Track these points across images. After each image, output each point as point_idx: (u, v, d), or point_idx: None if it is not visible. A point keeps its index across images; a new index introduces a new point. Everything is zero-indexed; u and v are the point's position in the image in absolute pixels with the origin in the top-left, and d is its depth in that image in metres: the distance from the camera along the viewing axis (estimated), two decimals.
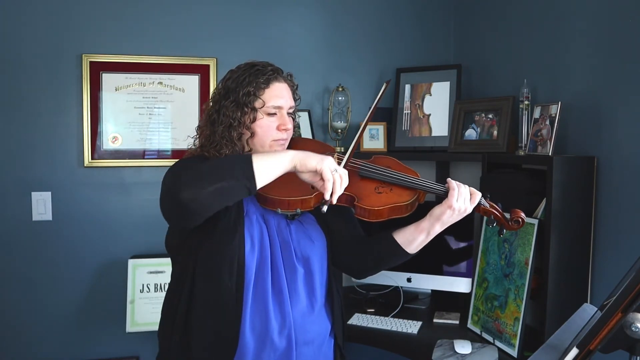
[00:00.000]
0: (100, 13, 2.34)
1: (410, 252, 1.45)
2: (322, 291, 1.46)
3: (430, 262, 2.32)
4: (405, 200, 1.40)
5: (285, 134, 1.44)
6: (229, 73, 1.46)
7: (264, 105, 1.41)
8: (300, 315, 1.38)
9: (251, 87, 1.40)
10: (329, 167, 1.23)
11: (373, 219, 1.38)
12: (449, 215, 1.38)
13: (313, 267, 1.43)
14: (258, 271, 1.35)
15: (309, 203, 1.38)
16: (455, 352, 1.76)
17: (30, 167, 2.29)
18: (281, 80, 1.46)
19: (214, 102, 1.45)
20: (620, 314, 0.83)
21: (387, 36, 2.68)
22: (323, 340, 1.45)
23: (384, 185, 1.43)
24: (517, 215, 1.43)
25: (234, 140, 1.40)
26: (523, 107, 1.99)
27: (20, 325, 2.30)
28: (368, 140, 2.54)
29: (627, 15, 1.68)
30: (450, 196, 1.38)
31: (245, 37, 2.50)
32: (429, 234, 1.42)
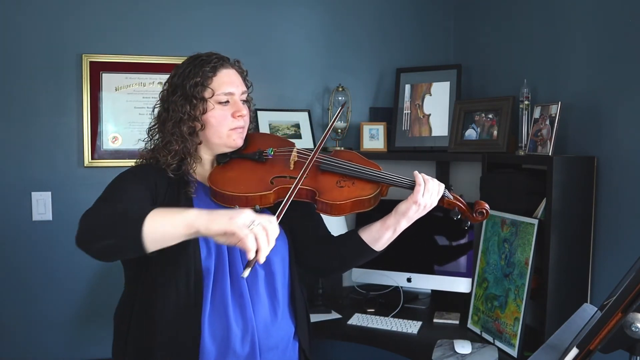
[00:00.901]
0: (100, 13, 2.34)
1: (377, 249, 1.41)
2: (285, 293, 1.41)
3: (430, 262, 2.32)
4: (367, 193, 1.36)
5: (241, 120, 1.38)
6: (173, 70, 1.40)
7: (213, 94, 1.35)
8: (263, 320, 1.33)
9: (198, 77, 1.34)
10: (242, 224, 1.03)
11: (335, 214, 1.35)
12: (415, 210, 1.34)
13: (274, 269, 1.38)
14: (216, 276, 1.30)
15: (269, 199, 1.33)
16: (455, 352, 1.76)
17: (30, 167, 2.29)
18: (228, 66, 1.40)
19: (162, 101, 1.40)
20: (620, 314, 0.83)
21: (387, 36, 2.68)
22: (287, 344, 1.41)
23: (345, 179, 1.39)
24: (482, 207, 1.39)
25: (185, 135, 1.34)
26: (523, 107, 1.99)
27: (20, 325, 2.29)
28: (368, 140, 2.54)
29: (627, 16, 1.68)
30: (415, 191, 1.33)
31: (246, 37, 2.50)
32: (396, 231, 1.38)
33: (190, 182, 1.36)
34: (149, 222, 1.06)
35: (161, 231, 1.07)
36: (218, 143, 1.39)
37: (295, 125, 2.55)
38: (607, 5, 1.76)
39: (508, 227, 1.91)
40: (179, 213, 1.08)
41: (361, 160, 1.44)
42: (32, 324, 2.31)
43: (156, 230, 1.06)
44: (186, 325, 1.26)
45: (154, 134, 1.41)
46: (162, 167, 1.35)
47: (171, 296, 1.26)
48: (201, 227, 1.06)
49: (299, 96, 2.60)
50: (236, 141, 1.40)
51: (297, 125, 2.55)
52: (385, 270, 2.35)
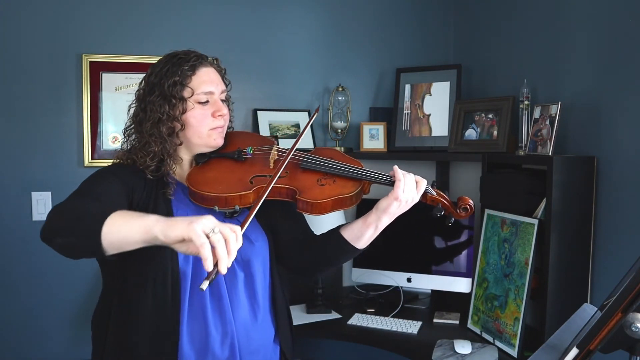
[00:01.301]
0: (100, 13, 2.34)
1: (360, 247, 1.37)
2: (265, 295, 1.38)
3: (430, 262, 2.32)
4: (349, 191, 1.33)
5: (221, 120, 1.36)
6: (150, 69, 1.37)
7: (193, 94, 1.32)
8: (242, 323, 1.31)
9: (176, 77, 1.30)
10: (200, 231, 0.97)
11: (316, 213, 1.31)
12: (396, 206, 1.30)
13: (254, 270, 1.35)
14: (194, 279, 1.26)
15: (248, 199, 1.30)
16: (455, 352, 1.76)
17: (30, 167, 2.29)
18: (207, 65, 1.37)
19: (139, 100, 1.36)
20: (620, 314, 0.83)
21: (387, 36, 2.68)
22: (268, 348, 1.38)
23: (326, 177, 1.36)
24: (465, 202, 1.35)
25: (164, 136, 1.31)
26: (523, 107, 1.99)
27: (20, 325, 2.29)
28: (368, 140, 2.54)
29: (627, 16, 1.68)
30: (396, 187, 1.29)
31: (245, 37, 2.50)
32: (377, 228, 1.34)
33: (169, 184, 1.33)
34: (109, 224, 1.03)
35: (119, 235, 1.04)
36: (198, 143, 1.37)
37: (295, 125, 2.55)
38: (607, 5, 1.76)
39: (508, 227, 1.91)
40: (139, 217, 1.05)
41: (342, 158, 1.42)
42: (32, 324, 2.31)
43: (114, 233, 1.03)
44: (164, 329, 1.24)
45: (130, 134, 1.37)
46: (139, 169, 1.32)
47: (148, 299, 1.24)
48: (159, 234, 1.01)
49: (299, 96, 2.60)
50: (217, 141, 1.37)
51: (297, 125, 2.55)
52: (385, 270, 2.35)
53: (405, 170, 1.36)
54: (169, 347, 1.24)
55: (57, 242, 1.10)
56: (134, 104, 1.38)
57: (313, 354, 2.12)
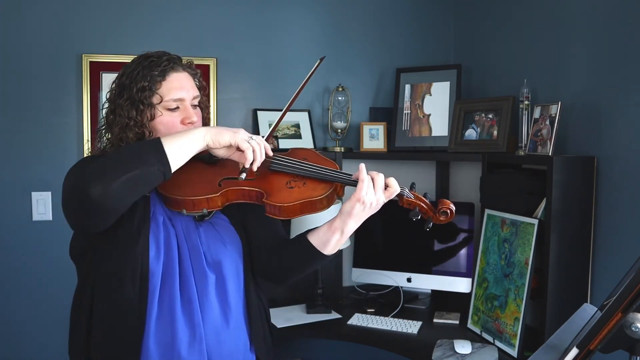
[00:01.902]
0: (100, 13, 2.34)
1: (327, 253, 1.31)
2: (238, 299, 1.33)
3: (430, 262, 2.32)
4: (319, 194, 1.25)
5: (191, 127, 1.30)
6: (122, 68, 1.32)
7: (162, 101, 1.27)
8: (212, 327, 1.27)
9: (145, 82, 1.26)
10: (243, 138, 1.19)
11: (284, 217, 1.26)
12: (360, 209, 1.24)
13: (225, 273, 1.31)
14: (164, 279, 1.24)
15: (216, 202, 1.26)
16: (455, 352, 1.76)
17: (30, 167, 2.29)
18: (179, 69, 1.32)
19: (110, 101, 1.32)
20: (620, 314, 0.83)
21: (387, 36, 2.68)
22: (242, 355, 1.33)
23: (296, 179, 1.29)
24: (445, 206, 1.29)
25: (132, 141, 1.27)
26: (523, 107, 1.99)
27: (20, 325, 2.29)
28: (368, 140, 2.54)
29: (626, 16, 1.68)
30: (358, 189, 1.23)
31: (245, 37, 2.50)
32: (344, 233, 1.28)
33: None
34: (167, 143, 1.15)
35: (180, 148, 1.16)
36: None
37: (295, 125, 2.55)
38: (607, 5, 1.76)
39: (508, 227, 1.91)
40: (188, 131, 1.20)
41: (317, 159, 1.35)
42: (32, 324, 2.31)
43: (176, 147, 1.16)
44: (129, 327, 1.22)
45: (102, 135, 1.35)
46: None
47: (116, 296, 1.21)
48: (210, 140, 1.19)
49: (299, 96, 2.59)
50: None
51: (297, 125, 2.55)
52: (385, 270, 2.35)
53: (405, 170, 1.34)
54: (133, 346, 1.21)
55: (114, 186, 1.08)
56: (106, 104, 1.35)
57: (313, 354, 2.12)
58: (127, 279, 1.21)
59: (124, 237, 1.22)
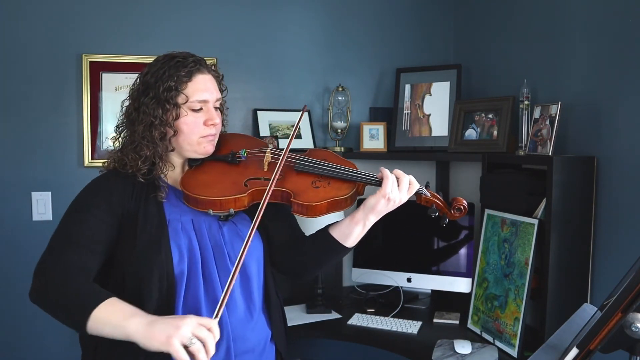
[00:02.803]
0: (100, 13, 2.34)
1: (348, 246, 1.37)
2: (260, 295, 1.39)
3: (430, 262, 2.32)
4: (343, 193, 1.32)
5: (213, 129, 1.35)
6: (147, 67, 1.34)
7: (187, 101, 1.30)
8: (238, 323, 1.31)
9: (172, 82, 1.28)
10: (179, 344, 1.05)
11: (311, 215, 1.31)
12: (384, 205, 1.30)
13: (249, 270, 1.35)
14: (189, 280, 1.27)
15: (243, 202, 1.30)
16: (455, 352, 1.76)
17: (30, 167, 2.29)
18: (205, 71, 1.35)
19: (133, 99, 1.34)
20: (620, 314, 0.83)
21: (387, 36, 2.68)
22: (263, 348, 1.38)
23: (321, 179, 1.36)
24: (460, 203, 1.37)
25: (156, 140, 1.29)
26: (523, 107, 1.99)
27: (20, 325, 2.29)
28: (368, 140, 2.54)
29: (626, 16, 1.68)
30: (384, 185, 1.29)
31: (245, 37, 2.50)
32: (365, 225, 1.34)
33: (161, 187, 1.32)
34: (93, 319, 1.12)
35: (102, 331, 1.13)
36: (188, 150, 1.35)
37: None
38: (607, 5, 1.76)
39: (508, 227, 1.91)
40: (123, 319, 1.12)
41: (336, 159, 1.41)
42: (32, 324, 2.31)
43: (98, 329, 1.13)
44: None
45: (122, 132, 1.37)
46: (128, 173, 1.31)
47: (143, 301, 1.23)
48: (139, 342, 1.10)
49: (299, 96, 2.60)
50: (206, 149, 1.36)
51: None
52: (385, 270, 2.35)
53: (405, 170, 1.36)
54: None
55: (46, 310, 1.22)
56: (127, 100, 1.37)
57: (313, 354, 2.12)
58: (154, 286, 1.24)
59: (145, 247, 1.25)
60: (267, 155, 1.41)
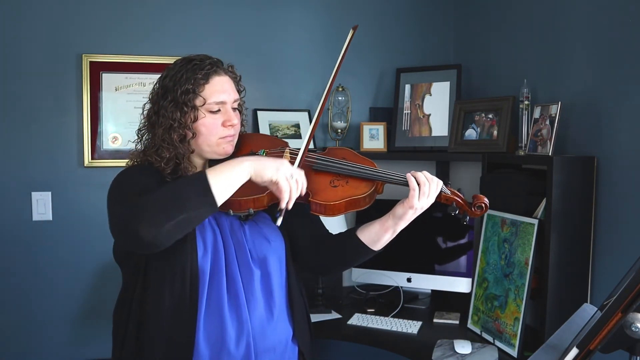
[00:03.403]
0: (100, 13, 2.34)
1: (376, 249, 1.40)
2: (282, 293, 1.40)
3: (430, 262, 2.32)
4: (362, 192, 1.33)
5: (232, 130, 1.37)
6: (165, 70, 1.37)
7: (205, 103, 1.32)
8: (258, 321, 1.32)
9: (189, 85, 1.30)
10: (285, 175, 1.18)
11: (330, 214, 1.32)
12: (412, 214, 1.33)
13: (270, 268, 1.37)
14: (212, 276, 1.30)
15: (262, 202, 1.31)
16: (455, 352, 1.76)
17: (30, 167, 2.29)
18: (222, 73, 1.37)
19: (152, 103, 1.37)
20: (620, 314, 0.83)
21: (387, 36, 2.68)
22: (285, 348, 1.38)
23: (339, 178, 1.36)
24: (481, 201, 1.36)
25: (175, 142, 1.32)
26: (523, 107, 1.99)
27: (20, 325, 2.29)
28: (368, 140, 2.54)
29: (626, 16, 1.68)
30: (410, 197, 1.31)
31: (245, 37, 2.50)
32: (395, 232, 1.37)
33: None
34: (213, 181, 1.13)
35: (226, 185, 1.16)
36: (208, 151, 1.37)
37: (295, 125, 2.55)
38: (607, 5, 1.76)
39: (508, 227, 1.91)
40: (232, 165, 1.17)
41: (355, 158, 1.41)
42: (32, 324, 2.31)
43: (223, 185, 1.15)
44: (181, 325, 1.26)
45: (143, 135, 1.39)
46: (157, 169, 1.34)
47: (166, 296, 1.26)
48: (253, 174, 1.17)
49: (299, 96, 2.60)
50: (226, 149, 1.38)
51: (297, 125, 2.55)
52: (385, 270, 2.35)
53: (405, 170, 1.36)
54: (185, 342, 1.25)
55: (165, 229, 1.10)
56: (148, 103, 1.39)
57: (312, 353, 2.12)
58: (178, 278, 1.25)
59: None
60: (286, 155, 1.41)
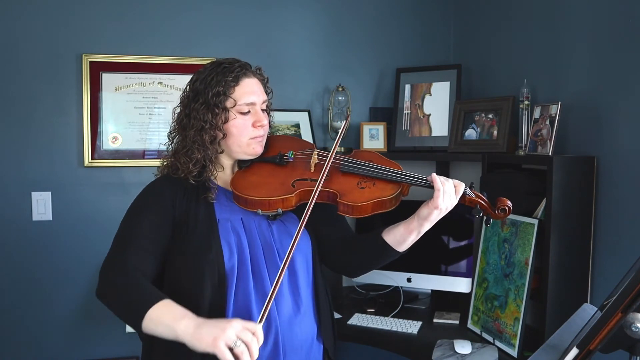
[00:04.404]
0: (100, 13, 2.34)
1: (401, 251, 1.42)
2: (308, 292, 1.43)
3: (430, 262, 2.32)
4: (388, 194, 1.35)
5: (261, 130, 1.41)
6: (195, 74, 1.42)
7: (235, 104, 1.36)
8: (286, 319, 1.35)
9: (220, 87, 1.35)
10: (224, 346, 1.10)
11: (357, 215, 1.35)
12: (437, 215, 1.34)
13: (297, 267, 1.40)
14: (239, 275, 1.33)
15: (291, 202, 1.35)
16: (455, 352, 1.76)
17: (30, 167, 2.29)
18: (250, 75, 1.41)
19: (184, 105, 1.41)
20: (620, 314, 0.83)
21: (387, 36, 2.68)
22: (311, 345, 1.41)
23: (366, 180, 1.39)
24: (504, 204, 1.38)
25: (206, 143, 1.36)
26: (523, 107, 1.99)
27: (20, 325, 2.29)
28: (368, 140, 2.54)
29: (626, 16, 1.68)
30: (435, 197, 1.32)
31: (245, 37, 2.50)
32: (419, 233, 1.38)
33: (211, 188, 1.39)
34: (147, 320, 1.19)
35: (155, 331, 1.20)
36: (238, 151, 1.41)
37: (295, 125, 2.55)
38: (607, 5, 1.76)
39: (508, 227, 1.91)
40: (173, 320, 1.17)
41: (381, 160, 1.44)
42: (32, 324, 2.31)
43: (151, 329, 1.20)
44: None
45: (174, 137, 1.43)
46: (180, 176, 1.38)
47: (196, 298, 1.29)
48: (187, 343, 1.15)
49: (299, 96, 2.60)
50: (256, 149, 1.42)
51: (297, 125, 2.55)
52: (385, 270, 2.35)
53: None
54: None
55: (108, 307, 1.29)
56: (178, 107, 1.43)
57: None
58: (206, 283, 1.29)
59: (196, 247, 1.31)
60: (314, 157, 1.45)
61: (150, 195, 1.40)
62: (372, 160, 1.44)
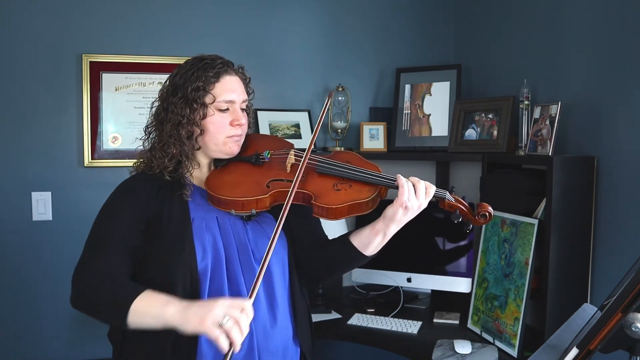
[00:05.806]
0: (100, 13, 2.34)
1: (368, 255, 1.37)
2: (284, 294, 1.39)
3: (430, 262, 2.32)
4: (365, 196, 1.30)
5: (239, 129, 1.38)
6: (176, 69, 1.38)
7: (214, 101, 1.33)
8: (261, 322, 1.32)
9: (200, 82, 1.32)
10: (213, 324, 1.09)
11: (332, 218, 1.30)
12: (402, 214, 1.29)
13: (272, 270, 1.36)
14: (213, 277, 1.30)
15: (265, 203, 1.32)
16: (455, 352, 1.76)
17: (30, 167, 2.29)
18: (232, 73, 1.38)
19: (162, 99, 1.38)
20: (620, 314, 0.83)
21: (387, 36, 2.68)
22: (287, 348, 1.38)
23: (342, 182, 1.34)
24: (485, 209, 1.33)
25: (183, 138, 1.33)
26: (523, 107, 1.99)
27: (20, 325, 2.29)
28: (368, 140, 2.54)
29: (626, 16, 1.68)
30: (400, 194, 1.27)
31: (245, 37, 2.50)
32: (386, 235, 1.33)
33: (187, 185, 1.36)
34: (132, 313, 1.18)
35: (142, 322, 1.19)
36: (214, 150, 1.38)
37: (295, 125, 2.55)
38: (606, 5, 1.76)
39: (508, 227, 1.91)
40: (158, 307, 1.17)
41: (359, 162, 1.40)
42: (32, 324, 2.31)
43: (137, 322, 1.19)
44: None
45: (151, 132, 1.40)
46: (155, 173, 1.35)
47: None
48: (177, 326, 1.15)
49: (299, 96, 2.60)
50: (232, 149, 1.39)
51: (297, 125, 2.55)
52: (385, 270, 2.35)
53: (405, 170, 1.36)
54: (187, 344, 1.25)
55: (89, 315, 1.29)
56: (157, 101, 1.40)
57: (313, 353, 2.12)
58: (179, 282, 1.26)
59: (169, 246, 1.28)
60: (291, 157, 1.41)
61: (123, 194, 1.36)
62: (349, 161, 1.39)
